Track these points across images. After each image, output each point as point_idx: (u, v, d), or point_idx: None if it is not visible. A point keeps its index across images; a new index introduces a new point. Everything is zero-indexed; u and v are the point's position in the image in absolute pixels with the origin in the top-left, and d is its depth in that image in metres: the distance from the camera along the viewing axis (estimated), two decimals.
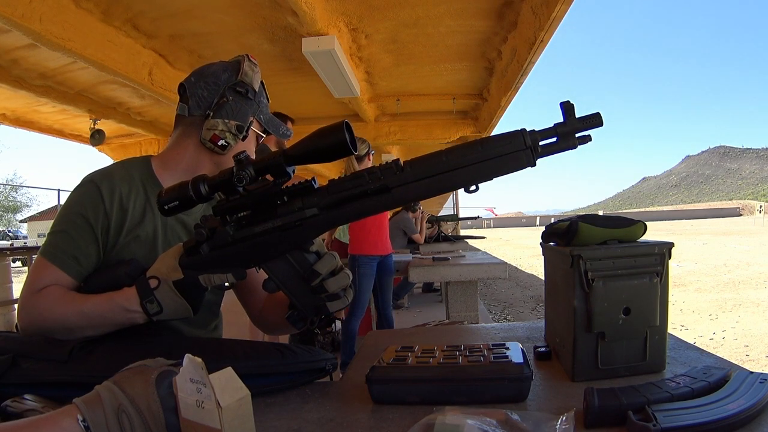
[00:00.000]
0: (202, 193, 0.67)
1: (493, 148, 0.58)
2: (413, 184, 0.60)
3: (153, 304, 0.72)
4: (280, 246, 0.66)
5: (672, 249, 0.73)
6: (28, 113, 4.34)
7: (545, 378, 0.74)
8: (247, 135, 0.90)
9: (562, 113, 0.57)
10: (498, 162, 0.58)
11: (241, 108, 0.88)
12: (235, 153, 0.84)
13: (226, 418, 0.48)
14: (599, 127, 0.57)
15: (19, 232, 30.78)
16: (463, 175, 0.59)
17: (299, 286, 0.68)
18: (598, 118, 0.57)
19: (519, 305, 6.63)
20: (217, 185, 0.66)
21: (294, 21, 2.50)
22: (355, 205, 0.62)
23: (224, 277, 0.70)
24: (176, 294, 0.72)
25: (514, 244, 20.72)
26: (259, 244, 0.67)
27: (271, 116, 0.93)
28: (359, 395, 0.69)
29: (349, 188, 0.62)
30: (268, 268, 0.68)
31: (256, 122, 0.91)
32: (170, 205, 0.68)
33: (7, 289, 4.21)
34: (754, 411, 0.53)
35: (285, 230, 0.65)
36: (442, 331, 1.32)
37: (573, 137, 0.57)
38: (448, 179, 0.59)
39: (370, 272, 2.92)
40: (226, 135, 0.88)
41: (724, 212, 71.03)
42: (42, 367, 0.69)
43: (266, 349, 0.76)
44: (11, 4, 2.04)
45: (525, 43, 2.71)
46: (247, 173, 0.64)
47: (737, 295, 6.46)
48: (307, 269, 0.67)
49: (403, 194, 0.60)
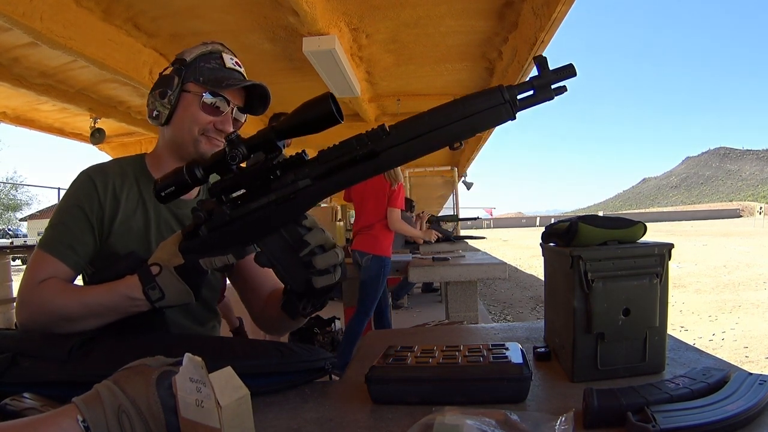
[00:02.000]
0: (197, 177, 0.68)
1: (473, 105, 0.59)
2: (400, 146, 0.60)
3: (155, 290, 0.73)
4: (275, 220, 0.67)
5: (672, 250, 0.73)
6: (28, 112, 4.34)
7: (545, 378, 0.74)
8: (175, 98, 0.89)
9: (537, 67, 0.59)
10: (479, 117, 0.59)
11: (169, 78, 0.90)
12: (177, 120, 0.90)
13: (225, 417, 0.48)
14: (573, 77, 0.58)
15: (19, 230, 30.77)
16: (446, 132, 0.60)
17: (290, 259, 0.68)
18: (571, 69, 0.58)
19: (518, 305, 6.63)
20: (212, 167, 0.68)
21: (294, 20, 2.50)
22: (347, 173, 0.63)
23: (225, 258, 0.70)
24: (178, 279, 0.73)
25: (514, 245, 20.72)
26: (255, 220, 0.67)
27: (217, 76, 0.90)
28: (358, 395, 0.69)
29: (339, 156, 0.62)
30: (263, 242, 0.69)
31: (194, 84, 0.90)
32: (166, 191, 0.69)
33: (7, 288, 4.21)
34: (754, 412, 0.53)
35: (279, 204, 0.66)
36: (442, 331, 1.32)
37: (549, 89, 0.58)
38: (433, 137, 0.60)
39: (386, 273, 2.97)
40: (155, 104, 0.91)
41: (724, 213, 71.03)
42: (41, 366, 0.69)
43: (266, 348, 0.76)
44: (12, 2, 2.04)
45: (525, 43, 2.71)
46: (240, 151, 0.65)
47: (737, 296, 6.46)
48: (297, 241, 0.67)
49: (390, 157, 0.61)
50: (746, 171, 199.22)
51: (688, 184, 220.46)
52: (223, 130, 0.91)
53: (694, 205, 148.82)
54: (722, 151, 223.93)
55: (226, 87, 0.89)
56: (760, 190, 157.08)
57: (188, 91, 0.89)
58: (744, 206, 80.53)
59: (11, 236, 25.87)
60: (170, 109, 0.89)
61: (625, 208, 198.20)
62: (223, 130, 0.91)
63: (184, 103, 0.90)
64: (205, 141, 0.91)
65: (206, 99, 0.89)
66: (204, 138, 0.91)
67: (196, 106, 0.89)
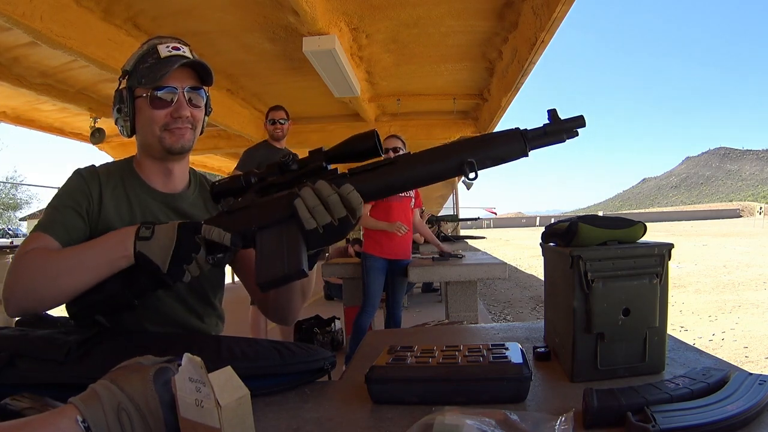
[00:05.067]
0: (251, 182, 0.75)
1: (494, 135, 0.68)
2: (418, 156, 0.69)
3: (148, 230, 0.75)
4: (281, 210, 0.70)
5: (672, 250, 0.73)
6: (28, 111, 4.34)
7: (544, 378, 0.74)
8: (129, 108, 0.92)
9: (548, 117, 0.66)
10: (497, 144, 0.67)
11: (120, 92, 0.93)
12: (139, 127, 0.93)
13: (225, 417, 0.48)
14: (582, 127, 0.66)
15: (19, 230, 30.80)
16: (462, 153, 0.67)
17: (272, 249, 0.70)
18: (581, 120, 0.66)
19: (518, 305, 6.63)
20: (266, 174, 0.75)
21: (295, 20, 2.50)
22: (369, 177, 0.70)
23: (222, 234, 0.72)
24: (173, 228, 0.74)
25: (514, 245, 20.72)
26: (266, 204, 0.72)
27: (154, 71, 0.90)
28: (358, 395, 0.69)
29: (364, 169, 0.70)
30: (261, 234, 0.72)
31: (140, 89, 0.91)
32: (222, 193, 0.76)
33: None
34: (753, 412, 0.53)
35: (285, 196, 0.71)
36: (442, 331, 1.32)
37: (561, 134, 0.66)
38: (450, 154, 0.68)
39: (377, 271, 2.95)
40: (118, 120, 0.95)
41: (724, 213, 71.01)
42: (39, 367, 0.68)
43: (264, 348, 0.75)
44: (12, 2, 2.04)
45: (526, 43, 2.71)
46: (293, 163, 0.74)
47: (737, 296, 6.46)
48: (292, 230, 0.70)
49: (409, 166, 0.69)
50: (746, 171, 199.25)
51: (688, 184, 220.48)
52: (180, 116, 0.91)
53: (694, 205, 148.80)
54: (722, 151, 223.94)
55: (161, 78, 0.89)
56: (760, 190, 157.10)
57: (138, 96, 0.92)
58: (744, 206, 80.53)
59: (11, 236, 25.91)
60: (130, 120, 0.93)
61: (625, 208, 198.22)
62: (180, 117, 0.91)
63: (138, 108, 0.92)
64: (168, 135, 0.92)
65: (154, 96, 0.90)
66: (166, 133, 0.92)
67: (147, 107, 0.91)
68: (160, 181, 0.98)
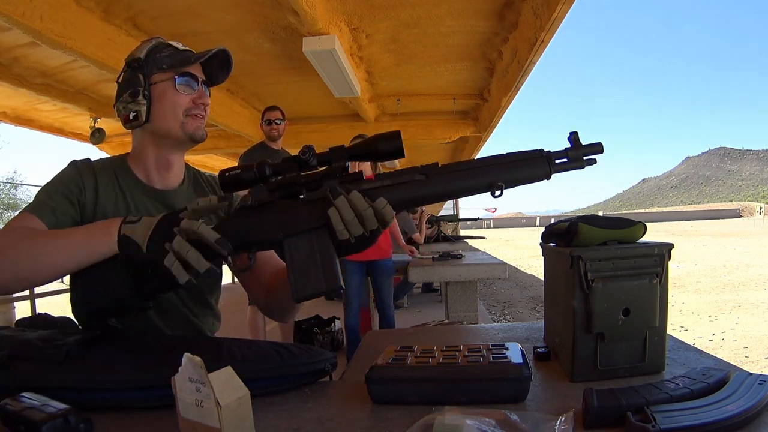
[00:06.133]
0: (265, 173, 0.71)
1: (519, 155, 0.68)
2: (447, 174, 0.68)
3: (135, 217, 0.74)
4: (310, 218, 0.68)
5: (672, 250, 0.73)
6: (28, 111, 4.33)
7: (544, 378, 0.74)
8: (148, 93, 0.91)
9: (569, 141, 0.68)
10: (522, 166, 0.68)
11: (131, 79, 0.92)
12: (157, 112, 0.92)
13: (225, 417, 0.48)
14: (600, 153, 0.68)
15: None
16: (490, 173, 0.67)
17: (306, 264, 0.68)
18: (600, 146, 0.67)
19: (518, 305, 6.63)
20: (281, 166, 0.71)
21: (294, 20, 2.50)
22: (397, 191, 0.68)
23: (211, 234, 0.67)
24: (158, 217, 0.72)
25: (514, 245, 20.72)
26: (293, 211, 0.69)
27: (179, 58, 0.93)
28: (358, 395, 0.69)
29: (393, 176, 0.69)
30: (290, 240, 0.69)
31: (160, 74, 0.92)
32: (230, 174, 0.71)
33: None
34: (753, 412, 0.53)
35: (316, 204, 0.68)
36: (442, 331, 1.32)
37: (581, 159, 0.68)
38: (478, 174, 0.67)
39: (351, 273, 2.97)
40: (129, 107, 0.92)
41: (724, 213, 70.98)
42: (37, 369, 0.68)
43: (264, 350, 0.75)
44: (12, 2, 2.04)
45: (526, 43, 2.71)
46: (312, 158, 0.69)
47: (737, 296, 6.47)
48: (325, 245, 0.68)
49: (439, 183, 0.68)
50: (746, 171, 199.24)
51: (688, 184, 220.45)
52: (203, 103, 0.94)
53: (694, 205, 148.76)
54: (722, 151, 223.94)
55: (194, 62, 0.92)
56: (760, 190, 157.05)
57: (157, 82, 0.92)
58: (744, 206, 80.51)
59: None
60: (147, 104, 0.91)
61: (625, 208, 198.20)
62: (203, 103, 0.94)
63: (157, 93, 0.92)
64: (191, 120, 0.93)
65: (178, 81, 0.92)
66: (189, 118, 0.93)
67: (172, 90, 0.91)
68: (156, 177, 0.98)
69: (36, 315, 0.91)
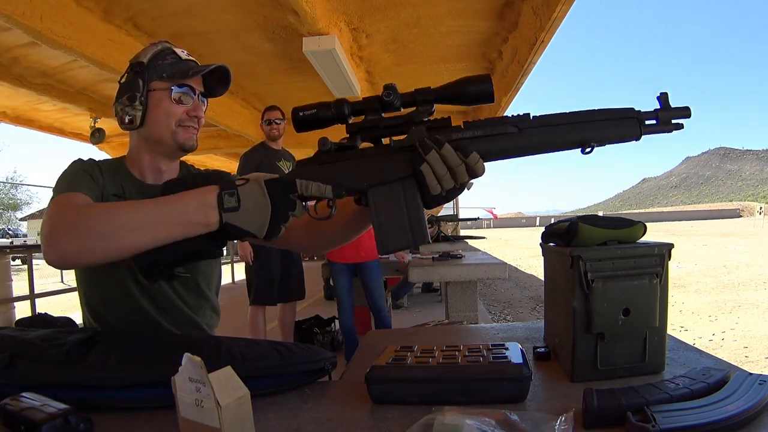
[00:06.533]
0: (343, 113, 0.67)
1: (611, 113, 0.65)
2: (540, 128, 0.65)
3: (232, 197, 0.66)
4: (397, 167, 0.66)
5: (672, 250, 0.73)
6: (28, 111, 4.34)
7: (544, 378, 0.74)
8: (144, 99, 0.92)
9: (659, 102, 0.65)
10: (615, 124, 0.65)
11: (131, 82, 0.93)
12: (151, 119, 0.92)
13: (225, 416, 0.48)
14: (688, 117, 0.65)
15: (19, 230, 30.80)
16: (580, 129, 0.64)
17: (393, 216, 0.66)
18: (687, 110, 0.65)
19: (518, 305, 6.63)
20: (362, 106, 0.68)
21: (295, 20, 2.50)
22: (490, 143, 0.65)
23: (323, 188, 0.66)
24: (263, 192, 0.67)
25: (514, 245, 20.72)
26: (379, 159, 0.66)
27: (179, 68, 0.92)
28: (358, 395, 0.69)
29: (485, 126, 0.66)
30: (376, 189, 0.66)
31: (159, 82, 0.92)
32: (306, 115, 0.67)
33: (7, 287, 4.20)
34: (753, 412, 0.53)
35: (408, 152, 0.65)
36: (442, 331, 1.32)
37: (670, 122, 0.65)
38: (571, 130, 0.65)
39: (339, 274, 3.00)
40: (127, 110, 0.93)
41: (724, 213, 70.94)
42: (38, 368, 0.68)
43: (264, 349, 0.75)
44: (12, 2, 2.05)
45: (526, 43, 2.71)
46: (396, 99, 0.66)
47: (737, 296, 6.46)
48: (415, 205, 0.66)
49: (531, 138, 0.65)
50: (746, 171, 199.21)
51: (688, 184, 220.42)
52: (196, 116, 0.95)
53: (694, 205, 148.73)
54: (722, 151, 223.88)
55: (192, 76, 0.92)
56: (760, 190, 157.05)
57: (155, 89, 0.92)
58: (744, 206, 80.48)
59: (11, 236, 25.90)
60: (142, 110, 0.92)
61: (625, 208, 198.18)
62: (196, 116, 0.95)
63: (153, 101, 0.92)
64: (182, 131, 0.94)
65: (175, 92, 0.92)
66: (181, 128, 0.94)
67: (168, 100, 0.92)
68: (152, 177, 1.00)
69: (36, 315, 0.91)
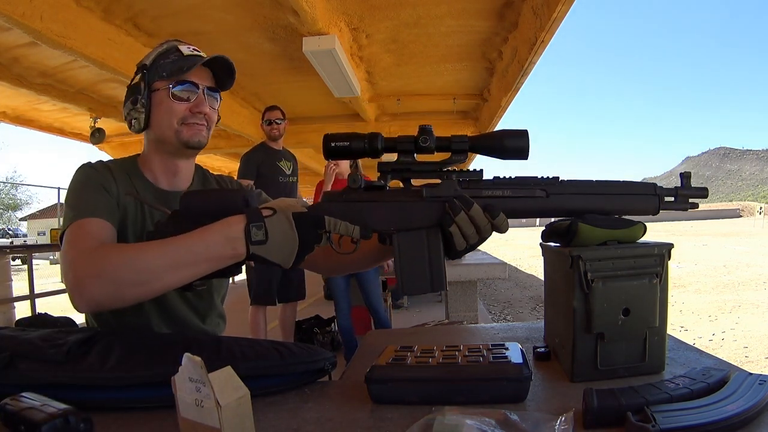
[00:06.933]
0: (376, 147, 0.68)
1: (635, 187, 0.70)
2: (567, 195, 0.69)
3: (260, 230, 0.66)
4: (425, 216, 0.68)
5: (672, 250, 0.73)
6: (28, 111, 4.34)
7: (544, 378, 0.74)
8: (146, 101, 0.91)
9: (680, 180, 0.70)
10: (637, 199, 0.70)
11: (135, 85, 0.93)
12: (155, 120, 0.92)
13: (225, 416, 0.48)
14: (704, 198, 0.69)
15: (19, 230, 30.79)
16: (604, 200, 0.69)
17: (415, 260, 0.68)
18: (705, 191, 0.70)
19: (518, 305, 6.63)
20: (394, 144, 0.68)
21: (295, 20, 2.50)
22: (516, 202, 0.68)
23: (351, 228, 0.67)
24: (291, 226, 0.67)
25: (514, 245, 20.70)
26: (409, 207, 0.68)
27: (178, 66, 0.91)
28: (358, 395, 0.69)
29: (513, 186, 0.69)
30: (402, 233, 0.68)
31: (160, 82, 0.92)
32: (338, 145, 0.68)
33: (7, 287, 4.20)
34: (753, 412, 0.53)
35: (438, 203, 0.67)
36: (442, 331, 1.32)
37: (686, 200, 0.70)
38: (596, 201, 0.69)
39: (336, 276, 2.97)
40: (131, 113, 0.93)
41: (724, 213, 70.83)
42: (38, 368, 0.68)
43: (265, 349, 0.75)
44: (12, 2, 2.05)
45: (526, 43, 2.71)
46: (431, 142, 0.67)
47: (737, 296, 6.46)
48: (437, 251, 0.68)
49: (558, 202, 0.69)
50: (746, 171, 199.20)
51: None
52: (201, 112, 0.92)
53: None
54: (722, 151, 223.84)
55: (187, 71, 0.91)
56: (760, 190, 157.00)
57: (156, 89, 0.92)
58: (744, 206, 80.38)
59: (11, 236, 25.90)
60: (145, 112, 0.91)
61: None
62: (200, 112, 0.92)
63: (155, 101, 0.92)
64: (186, 129, 0.92)
65: (175, 90, 0.91)
66: (184, 126, 0.92)
67: (168, 99, 0.91)
68: (165, 180, 0.98)
69: (36, 315, 0.91)
